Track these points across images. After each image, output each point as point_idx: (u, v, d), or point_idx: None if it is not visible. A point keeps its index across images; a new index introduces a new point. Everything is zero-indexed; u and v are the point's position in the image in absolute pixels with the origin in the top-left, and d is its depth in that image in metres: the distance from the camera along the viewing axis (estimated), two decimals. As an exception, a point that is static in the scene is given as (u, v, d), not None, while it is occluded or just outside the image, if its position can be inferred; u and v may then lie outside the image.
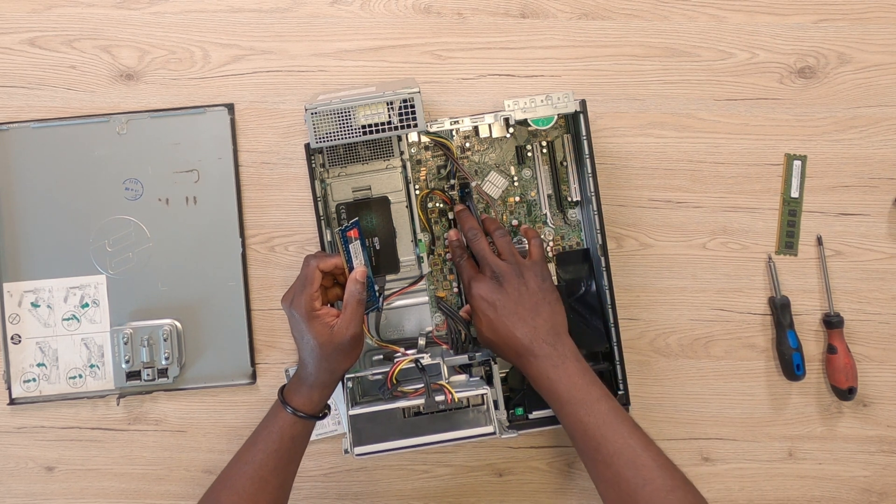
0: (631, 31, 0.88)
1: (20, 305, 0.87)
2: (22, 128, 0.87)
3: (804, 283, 0.89)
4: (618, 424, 0.73)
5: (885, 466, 0.89)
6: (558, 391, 0.75)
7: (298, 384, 0.77)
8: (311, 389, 0.77)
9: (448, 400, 0.75)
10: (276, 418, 0.77)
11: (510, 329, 0.77)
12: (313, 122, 0.77)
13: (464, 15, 0.88)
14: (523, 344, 0.76)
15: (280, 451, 0.76)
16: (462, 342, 0.84)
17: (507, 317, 0.77)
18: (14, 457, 0.89)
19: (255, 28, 0.88)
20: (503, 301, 0.78)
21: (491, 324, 0.78)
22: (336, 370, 0.77)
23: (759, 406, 0.89)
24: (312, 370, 0.76)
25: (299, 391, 0.77)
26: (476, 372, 0.84)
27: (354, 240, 0.78)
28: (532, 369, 0.76)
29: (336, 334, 0.75)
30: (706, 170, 0.89)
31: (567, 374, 0.75)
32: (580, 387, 0.74)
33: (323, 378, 0.76)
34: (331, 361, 0.76)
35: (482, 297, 0.78)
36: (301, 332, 0.76)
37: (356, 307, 0.76)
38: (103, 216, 0.87)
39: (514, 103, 0.81)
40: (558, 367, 0.75)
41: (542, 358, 0.76)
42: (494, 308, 0.78)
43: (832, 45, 0.89)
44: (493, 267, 0.79)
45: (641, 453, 0.71)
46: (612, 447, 0.72)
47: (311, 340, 0.75)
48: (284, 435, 0.76)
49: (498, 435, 0.76)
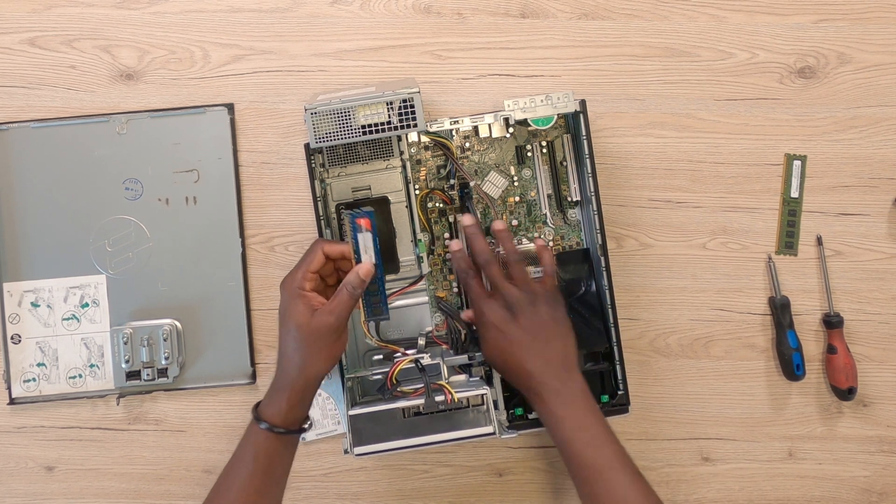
0: (631, 31, 0.88)
1: (20, 305, 0.87)
2: (22, 128, 0.87)
3: (804, 283, 0.89)
4: (622, 468, 0.71)
5: (885, 466, 0.89)
6: (563, 430, 0.73)
7: (271, 392, 0.74)
8: (281, 393, 0.72)
9: (448, 400, 0.75)
10: (250, 436, 0.73)
11: (520, 360, 0.74)
12: (313, 122, 0.77)
13: (464, 15, 0.88)
14: (533, 377, 0.74)
15: (257, 471, 0.72)
16: (462, 342, 0.84)
17: (518, 347, 0.74)
18: (14, 457, 0.89)
19: (255, 28, 0.88)
20: (515, 331, 0.75)
21: (501, 353, 0.75)
22: (307, 366, 0.72)
23: (759, 406, 0.89)
24: (284, 367, 0.73)
25: (271, 400, 0.73)
26: (476, 372, 0.84)
27: (365, 230, 0.74)
28: (540, 404, 0.74)
29: (315, 318, 0.72)
30: (706, 170, 0.89)
31: (575, 413, 0.73)
32: (587, 427, 0.72)
33: (293, 376, 0.72)
34: (303, 353, 0.72)
35: (493, 324, 0.75)
36: (282, 314, 0.73)
37: (346, 298, 0.72)
38: (103, 216, 0.87)
39: (514, 103, 0.81)
40: (567, 405, 0.73)
41: (552, 394, 0.73)
42: (505, 337, 0.75)
43: (832, 45, 0.89)
44: (506, 295, 0.76)
45: (644, 502, 0.70)
46: (615, 494, 0.70)
47: (289, 322, 0.72)
48: (259, 453, 0.72)
49: (498, 435, 0.76)
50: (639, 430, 0.89)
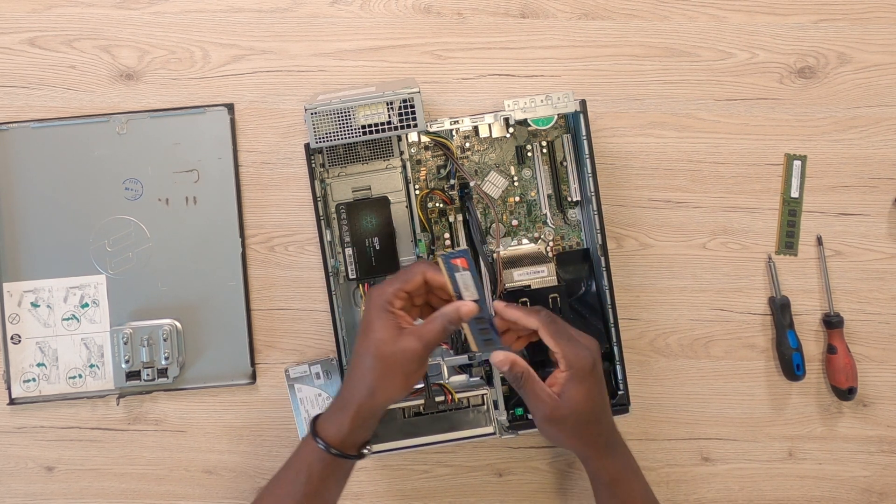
0: (631, 31, 0.88)
1: (20, 305, 0.87)
2: (22, 128, 0.87)
3: (804, 283, 0.89)
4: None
5: (885, 466, 0.89)
6: (635, 490, 0.73)
7: (334, 408, 0.68)
8: (345, 412, 0.67)
9: (448, 400, 0.75)
10: (304, 450, 0.68)
11: (601, 416, 0.71)
12: (313, 122, 0.77)
13: (464, 15, 0.88)
14: (610, 434, 0.73)
15: (309, 493, 0.67)
16: (462, 342, 0.84)
17: (603, 400, 0.71)
18: (14, 457, 0.89)
19: (255, 28, 0.88)
20: (601, 382, 0.71)
21: (593, 408, 0.70)
22: (380, 389, 0.66)
23: (759, 406, 0.89)
24: (355, 384, 0.66)
25: (333, 417, 0.67)
26: (476, 372, 0.84)
27: (462, 269, 0.70)
28: (613, 464, 0.72)
29: (401, 340, 0.65)
30: (706, 170, 0.89)
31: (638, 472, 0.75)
32: (649, 488, 0.75)
33: (362, 396, 0.66)
34: (379, 374, 0.66)
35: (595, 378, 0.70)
36: (366, 327, 0.66)
37: (439, 330, 0.66)
38: (103, 216, 0.87)
39: (514, 103, 0.81)
40: (635, 464, 0.74)
41: (622, 452, 0.73)
42: (601, 389, 0.71)
43: (832, 45, 0.89)
44: (588, 346, 0.71)
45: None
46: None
47: (371, 337, 0.65)
48: (313, 475, 0.67)
49: (498, 435, 0.76)
50: (639, 430, 0.89)
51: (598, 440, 0.73)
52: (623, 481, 0.73)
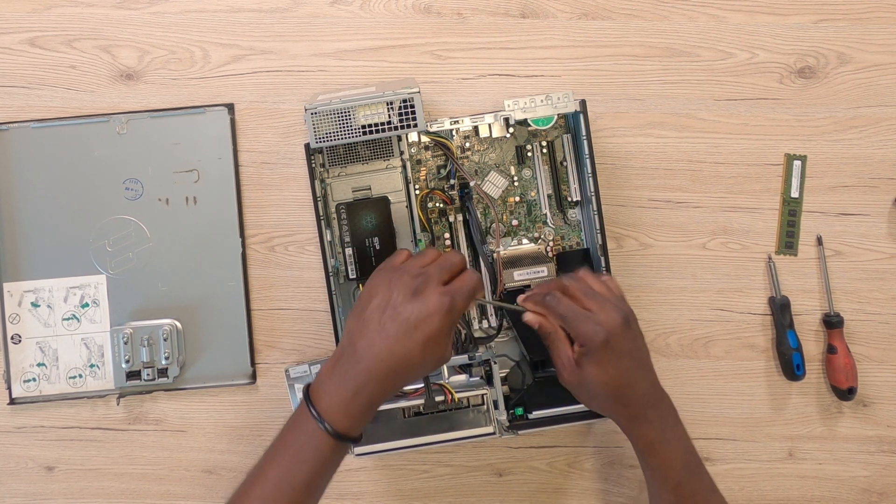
0: (631, 31, 0.88)
1: (20, 305, 0.87)
2: (22, 128, 0.87)
3: (804, 283, 0.89)
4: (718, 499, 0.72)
5: (885, 466, 0.89)
6: (671, 453, 0.69)
7: (340, 391, 0.63)
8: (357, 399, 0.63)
9: (448, 400, 0.75)
10: (304, 432, 0.63)
11: (634, 383, 0.68)
12: (313, 122, 0.77)
13: (464, 15, 0.88)
14: (646, 401, 0.69)
15: (317, 484, 0.64)
16: (462, 342, 0.84)
17: (635, 368, 0.68)
18: (14, 457, 0.89)
19: (255, 28, 0.88)
20: (633, 348, 0.68)
21: (619, 379, 0.67)
22: (401, 385, 0.65)
23: (759, 406, 0.89)
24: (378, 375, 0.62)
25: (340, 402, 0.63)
26: (476, 372, 0.84)
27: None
28: (650, 430, 0.69)
29: (448, 352, 0.65)
30: (706, 170, 0.89)
31: (680, 436, 0.70)
32: (690, 451, 0.70)
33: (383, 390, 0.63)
34: (415, 376, 0.65)
35: (613, 349, 0.66)
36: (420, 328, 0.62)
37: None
38: (103, 216, 0.87)
39: (514, 103, 0.81)
40: (675, 427, 0.70)
41: (661, 418, 0.69)
42: (626, 359, 0.67)
43: (832, 45, 0.89)
44: (603, 320, 0.67)
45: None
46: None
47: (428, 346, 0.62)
48: (318, 458, 0.63)
49: (498, 435, 0.76)
50: (639, 430, 0.88)
51: (623, 410, 0.69)
52: (657, 451, 0.69)
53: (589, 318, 0.67)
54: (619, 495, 0.89)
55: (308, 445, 0.63)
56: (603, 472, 0.89)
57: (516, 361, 0.85)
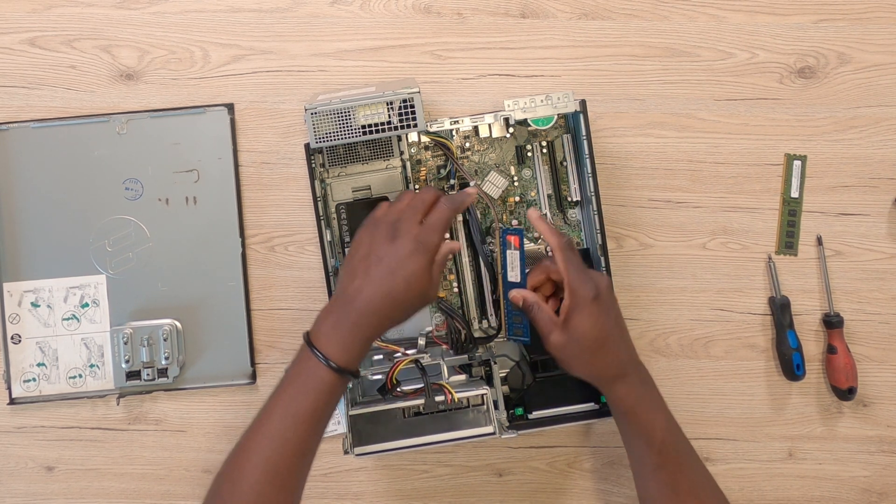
0: (631, 31, 0.88)
1: (20, 305, 0.87)
2: (22, 128, 0.87)
3: (804, 283, 0.89)
4: (697, 457, 0.74)
5: (885, 466, 0.89)
6: (652, 414, 0.72)
7: (338, 328, 0.67)
8: (354, 335, 0.67)
9: (448, 400, 0.75)
10: (308, 368, 0.67)
11: (618, 342, 0.72)
12: (313, 122, 0.77)
13: (464, 15, 0.88)
14: (624, 362, 0.73)
15: (319, 418, 0.68)
16: (462, 342, 0.84)
17: (617, 327, 0.72)
18: (14, 457, 0.89)
19: (255, 28, 0.88)
20: (616, 307, 0.73)
21: (604, 334, 0.71)
22: (394, 323, 0.69)
23: (759, 406, 0.89)
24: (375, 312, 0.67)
25: (338, 338, 0.67)
26: (476, 372, 0.84)
27: (514, 248, 0.74)
28: (631, 391, 0.72)
29: (432, 288, 0.69)
30: (706, 170, 0.89)
31: (657, 398, 0.74)
32: (667, 412, 0.74)
33: (379, 327, 0.68)
34: (402, 314, 0.69)
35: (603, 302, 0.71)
36: (399, 269, 0.67)
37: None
38: (103, 216, 0.87)
39: (514, 103, 0.81)
40: (652, 389, 0.74)
41: (640, 380, 0.73)
42: (613, 316, 0.72)
43: (832, 45, 0.89)
44: (595, 277, 0.73)
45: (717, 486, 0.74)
46: (695, 478, 0.73)
47: (409, 284, 0.67)
48: (321, 391, 0.67)
49: (498, 435, 0.76)
50: (639, 430, 0.88)
51: (606, 370, 0.72)
52: (638, 413, 0.72)
53: (586, 272, 0.73)
54: (619, 495, 0.89)
55: (311, 381, 0.67)
56: (603, 472, 0.89)
57: (516, 361, 0.85)
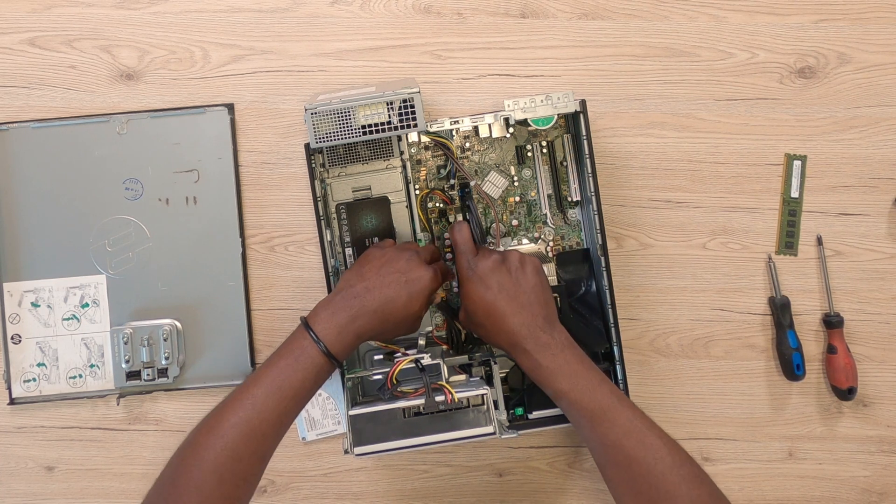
0: (631, 31, 0.88)
1: (20, 305, 0.87)
2: (22, 128, 0.87)
3: (804, 283, 0.89)
4: (622, 407, 0.72)
5: (885, 466, 0.89)
6: (559, 381, 0.73)
7: (336, 318, 0.73)
8: (348, 329, 0.73)
9: (448, 400, 0.75)
10: (303, 347, 0.72)
11: (504, 315, 0.75)
12: (313, 122, 0.77)
13: (464, 15, 0.88)
14: (518, 333, 0.74)
15: (302, 396, 0.72)
16: (462, 342, 0.84)
17: (504, 302, 0.75)
18: (14, 457, 0.89)
19: (255, 28, 0.88)
20: (504, 283, 0.76)
21: (485, 307, 0.75)
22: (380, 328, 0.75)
23: (759, 406, 0.89)
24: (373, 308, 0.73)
25: (334, 328, 0.73)
26: (476, 372, 0.84)
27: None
28: (528, 360, 0.74)
29: (420, 317, 0.77)
30: (706, 170, 0.89)
31: (567, 362, 0.74)
32: (581, 374, 0.73)
33: (375, 332, 0.75)
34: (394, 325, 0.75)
35: (480, 278, 0.76)
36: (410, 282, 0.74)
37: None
38: (103, 216, 0.87)
39: (514, 103, 0.81)
40: (557, 355, 0.74)
41: (541, 347, 0.74)
42: (491, 291, 0.75)
43: (832, 45, 0.89)
44: (499, 251, 0.79)
45: (648, 433, 0.71)
46: (620, 430, 0.71)
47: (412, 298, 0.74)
48: (309, 370, 0.72)
49: (498, 435, 0.76)
50: (639, 430, 0.88)
51: (498, 338, 0.76)
52: (539, 380, 0.75)
53: (464, 255, 0.78)
54: (619, 495, 0.89)
55: (301, 359, 0.72)
56: (603, 472, 0.89)
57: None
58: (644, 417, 0.73)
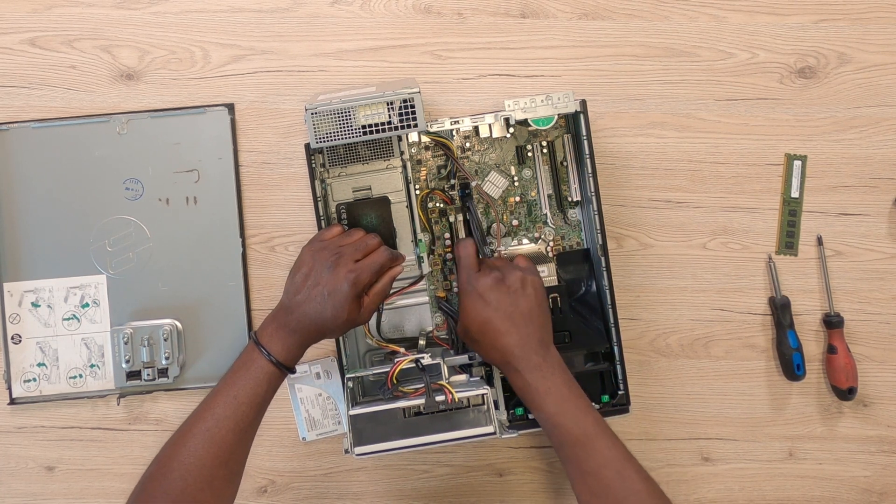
0: (631, 31, 0.88)
1: (20, 305, 0.87)
2: (22, 128, 0.87)
3: (804, 283, 0.89)
4: (604, 437, 0.73)
5: (885, 466, 0.89)
6: (547, 403, 0.74)
7: (278, 327, 0.76)
8: (294, 337, 0.76)
9: (448, 400, 0.75)
10: (254, 361, 0.76)
11: (499, 333, 0.76)
12: (313, 122, 0.77)
13: (464, 15, 0.88)
14: (512, 352, 0.75)
15: (258, 403, 0.75)
16: (463, 343, 0.84)
17: (499, 320, 0.76)
18: (14, 457, 0.89)
19: (255, 28, 0.88)
20: (502, 301, 0.76)
21: (482, 323, 0.76)
22: (324, 337, 0.78)
23: (759, 406, 0.89)
24: (309, 315, 0.75)
25: (279, 337, 0.76)
26: (476, 372, 0.84)
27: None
28: (518, 379, 0.75)
29: (360, 318, 0.77)
30: (706, 170, 0.89)
31: (556, 385, 0.74)
32: (569, 399, 0.74)
33: (315, 333, 0.77)
34: (331, 332, 0.77)
35: (479, 294, 0.77)
36: (331, 296, 0.75)
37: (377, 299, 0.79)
38: (103, 216, 0.87)
39: (515, 103, 0.81)
40: (547, 378, 0.74)
41: (533, 369, 0.75)
42: (489, 307, 0.76)
43: (832, 45, 0.89)
44: (502, 268, 0.78)
45: (626, 465, 0.73)
46: (600, 459, 0.73)
47: (336, 310, 0.75)
48: (261, 381, 0.75)
49: (498, 435, 0.76)
50: (639, 430, 0.89)
51: (495, 356, 0.77)
52: (527, 399, 0.76)
53: (465, 270, 0.79)
54: (620, 495, 0.89)
55: (253, 371, 0.75)
56: (603, 472, 0.89)
57: (516, 361, 0.85)
58: (624, 450, 0.74)
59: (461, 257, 0.80)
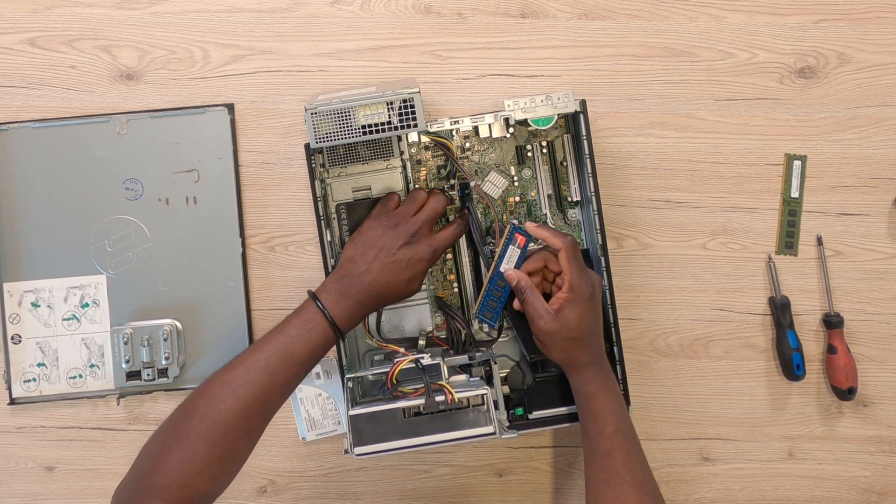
0: (631, 31, 0.88)
1: (20, 305, 0.87)
2: (22, 128, 0.87)
3: (804, 283, 0.89)
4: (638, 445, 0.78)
5: (885, 466, 0.89)
6: (617, 401, 0.78)
7: (342, 293, 0.78)
8: (354, 303, 0.78)
9: (448, 400, 0.75)
10: (312, 316, 0.77)
11: (598, 332, 0.79)
12: (313, 122, 0.77)
13: (464, 15, 0.88)
14: (602, 350, 0.79)
15: (308, 363, 0.77)
16: (462, 342, 0.84)
17: (597, 321, 0.79)
18: (14, 457, 0.89)
19: (255, 28, 0.88)
20: (597, 306, 0.79)
21: (589, 324, 0.78)
22: (381, 304, 0.81)
23: (759, 406, 0.89)
24: (380, 290, 0.78)
25: (341, 302, 0.78)
26: (476, 372, 0.84)
27: (518, 246, 0.81)
28: (603, 376, 0.78)
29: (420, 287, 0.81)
30: (706, 170, 0.89)
31: (618, 392, 0.80)
32: (625, 408, 0.79)
33: (377, 302, 0.79)
34: (399, 299, 0.80)
35: (585, 298, 0.77)
36: (408, 267, 0.78)
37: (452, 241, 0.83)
38: (103, 216, 0.87)
39: (514, 103, 0.81)
40: (615, 385, 0.79)
41: (609, 372, 0.79)
42: (593, 310, 0.78)
43: (832, 45, 0.89)
44: (592, 275, 0.79)
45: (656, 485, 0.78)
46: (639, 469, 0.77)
47: (413, 281, 0.79)
48: (318, 339, 0.77)
49: (498, 435, 0.76)
50: (639, 430, 0.88)
51: (581, 358, 0.78)
52: (599, 398, 0.77)
53: (585, 271, 0.79)
54: (619, 495, 0.89)
55: (312, 331, 0.76)
56: (603, 472, 0.89)
57: (516, 361, 0.85)
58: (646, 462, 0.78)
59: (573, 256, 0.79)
